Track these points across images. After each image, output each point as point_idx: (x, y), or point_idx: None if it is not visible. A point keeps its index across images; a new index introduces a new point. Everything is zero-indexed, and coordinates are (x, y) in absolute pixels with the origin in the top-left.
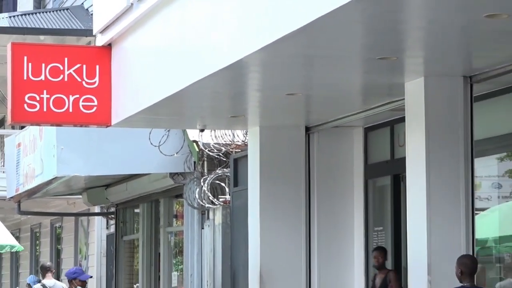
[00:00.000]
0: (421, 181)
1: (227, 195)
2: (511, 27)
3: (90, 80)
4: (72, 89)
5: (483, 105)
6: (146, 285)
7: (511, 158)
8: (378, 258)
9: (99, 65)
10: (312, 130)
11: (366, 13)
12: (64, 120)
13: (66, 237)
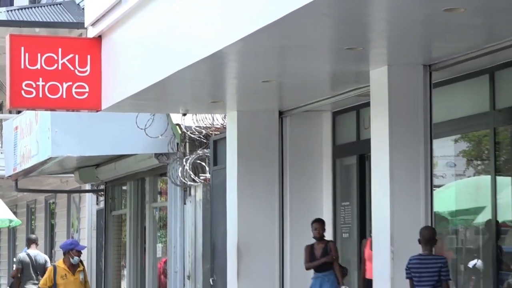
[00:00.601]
0: (385, 160)
1: (207, 174)
2: (468, 20)
3: (82, 69)
4: (65, 77)
5: (441, 91)
6: (133, 256)
7: (465, 139)
8: (319, 230)
9: (90, 55)
10: (285, 114)
11: (335, 7)
12: (58, 105)
13: (59, 212)
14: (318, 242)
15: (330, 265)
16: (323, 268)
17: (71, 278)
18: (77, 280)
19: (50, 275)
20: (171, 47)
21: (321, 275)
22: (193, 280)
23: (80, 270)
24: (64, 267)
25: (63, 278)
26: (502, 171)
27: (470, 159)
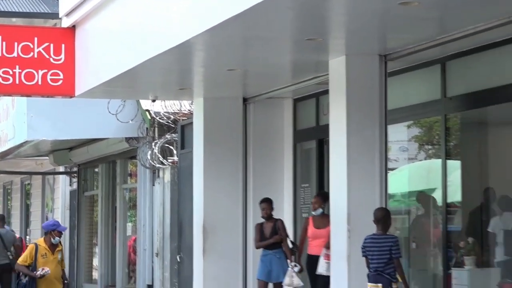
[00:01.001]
0: (342, 144)
1: (175, 157)
2: (421, 13)
3: (57, 57)
4: (41, 65)
5: (395, 80)
6: (104, 234)
7: (417, 125)
8: (266, 209)
9: (65, 44)
10: (248, 101)
11: (296, 1)
12: (34, 91)
13: (34, 193)
14: (267, 221)
15: (279, 243)
16: (273, 246)
17: (50, 257)
18: (56, 260)
19: (32, 253)
20: (141, 37)
21: (271, 253)
22: (161, 257)
23: (59, 249)
24: (44, 246)
25: (43, 257)
26: (452, 155)
27: (422, 143)
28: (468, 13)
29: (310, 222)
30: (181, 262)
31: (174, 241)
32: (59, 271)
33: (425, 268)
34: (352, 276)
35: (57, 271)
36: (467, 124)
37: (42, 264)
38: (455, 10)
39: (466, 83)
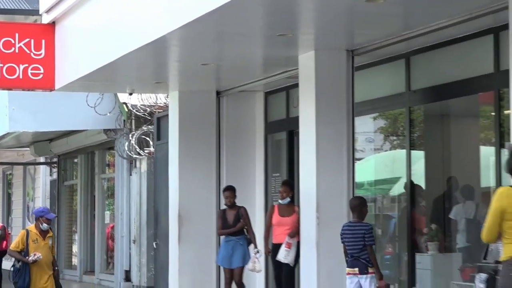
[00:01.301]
0: (311, 135)
1: (151, 148)
2: (386, 10)
3: (37, 52)
4: (22, 60)
5: (362, 74)
6: (83, 222)
7: (383, 117)
8: (230, 197)
9: (45, 40)
10: (222, 94)
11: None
12: (15, 85)
13: (16, 182)
14: (230, 209)
15: (242, 230)
16: (236, 233)
17: (41, 243)
18: (47, 245)
19: (23, 239)
20: (118, 33)
21: (235, 239)
22: (138, 244)
23: (49, 236)
24: (35, 232)
25: (34, 242)
26: (415, 146)
27: (387, 135)
28: (431, 10)
29: (275, 210)
30: (157, 248)
31: (150, 229)
32: (50, 257)
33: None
34: (321, 262)
35: (48, 257)
36: (430, 116)
37: (34, 250)
38: (419, 7)
39: (429, 77)
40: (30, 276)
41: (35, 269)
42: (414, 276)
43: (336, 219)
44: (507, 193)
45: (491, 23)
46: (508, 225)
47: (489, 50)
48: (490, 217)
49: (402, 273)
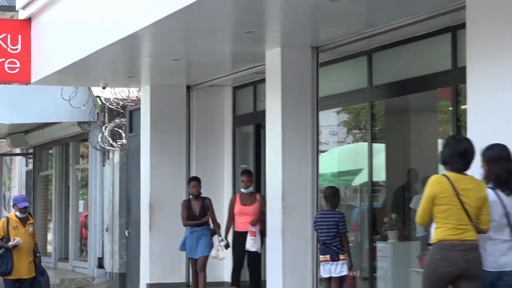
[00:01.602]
0: (277, 128)
1: (124, 140)
2: (349, 9)
3: (14, 47)
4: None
5: (326, 70)
6: (58, 211)
7: (346, 111)
8: (197, 187)
9: (21, 35)
10: (192, 88)
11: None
12: None
13: None
14: (195, 199)
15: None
16: (201, 223)
17: (22, 229)
18: (27, 232)
19: (4, 226)
20: (92, 29)
21: (199, 230)
22: (111, 232)
23: (30, 223)
24: (15, 219)
25: (15, 229)
26: (377, 139)
27: (350, 128)
28: (392, 9)
29: (237, 199)
30: (129, 236)
31: (122, 217)
32: (31, 243)
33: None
34: (286, 250)
35: (29, 243)
36: (391, 111)
37: (14, 236)
38: (381, 6)
39: (390, 73)
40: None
41: (16, 255)
42: (375, 264)
43: (301, 208)
44: (439, 180)
45: (449, 22)
46: (438, 210)
47: (447, 48)
48: (423, 202)
49: (363, 261)
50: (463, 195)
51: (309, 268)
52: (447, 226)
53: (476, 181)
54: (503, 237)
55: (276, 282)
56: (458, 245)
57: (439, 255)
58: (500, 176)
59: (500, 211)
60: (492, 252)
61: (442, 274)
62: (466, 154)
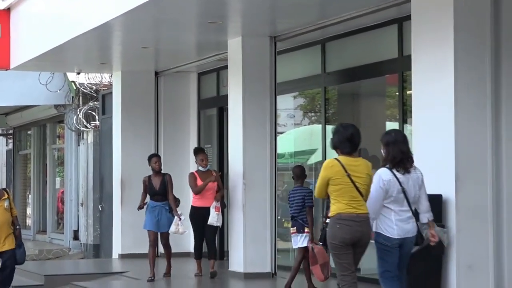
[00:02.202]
0: (238, 111)
1: (97, 121)
2: (304, 1)
3: None
4: None
5: (283, 58)
6: (36, 188)
7: (302, 96)
8: (158, 163)
9: (1, 24)
10: (160, 74)
11: None
12: None
13: None
14: (155, 174)
15: (165, 196)
16: (161, 198)
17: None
18: (2, 208)
19: None
20: (67, 19)
21: (160, 205)
22: (85, 206)
23: (4, 198)
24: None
25: None
26: (330, 121)
27: (306, 111)
28: (344, 2)
29: (197, 176)
30: (102, 211)
31: (96, 193)
32: (7, 217)
33: None
34: (247, 224)
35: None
36: (343, 96)
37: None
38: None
39: (342, 61)
40: None
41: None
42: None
43: (261, 184)
44: (332, 164)
45: (396, 14)
46: (333, 189)
47: (394, 38)
48: (319, 182)
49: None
50: (353, 175)
51: (268, 240)
52: (342, 202)
53: (364, 161)
54: (403, 208)
55: (238, 252)
56: (353, 217)
57: (338, 225)
58: (395, 157)
59: (397, 187)
60: (396, 222)
61: (342, 240)
62: (353, 139)
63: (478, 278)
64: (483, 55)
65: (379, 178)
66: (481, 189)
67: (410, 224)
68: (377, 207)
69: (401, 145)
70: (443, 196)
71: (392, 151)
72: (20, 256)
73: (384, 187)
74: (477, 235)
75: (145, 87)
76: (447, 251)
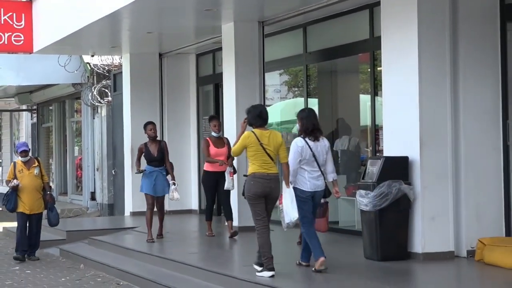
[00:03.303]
0: (232, 87)
1: (109, 97)
2: None
3: (19, 23)
4: (6, 29)
5: (270, 40)
6: (58, 156)
7: (287, 73)
8: (154, 130)
9: (25, 13)
10: (163, 55)
11: None
12: (2, 49)
13: (4, 125)
14: (152, 141)
15: (163, 161)
16: (158, 164)
17: (26, 172)
18: (32, 174)
19: (12, 170)
20: (82, 8)
21: (158, 170)
22: (101, 171)
23: (35, 166)
24: (20, 163)
25: (20, 172)
26: (311, 95)
27: (290, 86)
28: None
29: (210, 142)
30: (115, 175)
31: (110, 159)
32: (38, 183)
33: None
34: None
35: (36, 183)
36: (322, 72)
37: (20, 178)
38: None
39: (321, 42)
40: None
41: (21, 194)
42: None
43: None
44: (248, 135)
45: (368, 1)
46: (249, 154)
47: (366, 21)
48: (238, 146)
49: None
50: (264, 143)
51: None
52: (256, 164)
53: (273, 132)
54: (314, 168)
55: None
56: (264, 175)
57: (252, 181)
58: (308, 128)
59: (309, 152)
60: (309, 179)
61: (255, 193)
62: (262, 115)
63: (440, 227)
64: (443, 32)
65: (295, 145)
66: (442, 152)
67: (319, 181)
68: (295, 167)
69: (312, 119)
70: (410, 158)
71: (306, 124)
72: (54, 218)
73: (299, 151)
74: (438, 191)
75: (150, 67)
76: (413, 205)
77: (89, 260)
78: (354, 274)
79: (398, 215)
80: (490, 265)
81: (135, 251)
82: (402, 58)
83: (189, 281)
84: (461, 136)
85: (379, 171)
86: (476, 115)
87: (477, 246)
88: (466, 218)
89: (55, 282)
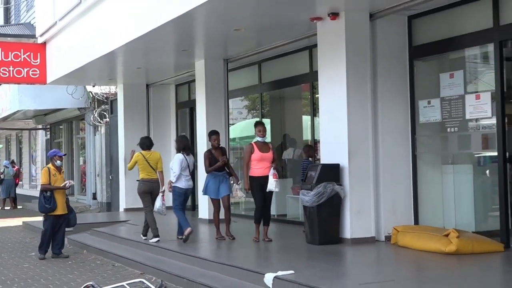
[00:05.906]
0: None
1: (107, 119)
2: (246, 35)
3: (35, 61)
4: (25, 65)
5: (233, 73)
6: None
7: (246, 99)
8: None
9: (40, 53)
10: (150, 86)
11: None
12: (22, 81)
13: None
14: (215, 149)
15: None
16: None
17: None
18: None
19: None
20: (85, 49)
21: (221, 174)
22: (101, 176)
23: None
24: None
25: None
26: (265, 116)
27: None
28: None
29: (254, 147)
30: (112, 179)
31: (108, 167)
32: None
33: None
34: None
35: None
36: (274, 98)
37: (54, 182)
38: (265, 34)
39: (272, 75)
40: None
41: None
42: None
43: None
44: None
45: (307, 43)
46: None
47: (306, 59)
48: (132, 162)
49: None
50: (149, 159)
51: None
52: (144, 173)
53: (153, 152)
54: (186, 174)
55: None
56: (149, 179)
57: (142, 184)
58: (184, 147)
59: (185, 163)
60: (185, 181)
61: (144, 190)
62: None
63: (364, 219)
64: (365, 68)
65: (178, 158)
66: (365, 160)
67: (190, 182)
68: (177, 173)
69: (185, 142)
70: (340, 165)
71: (181, 144)
72: (73, 219)
73: (180, 162)
74: (362, 191)
75: (139, 95)
76: (344, 201)
77: (91, 247)
78: (299, 255)
79: (332, 209)
80: (403, 247)
81: (127, 240)
82: (334, 87)
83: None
84: (380, 147)
85: (317, 175)
86: (391, 132)
87: (392, 232)
88: (384, 211)
89: (64, 264)
